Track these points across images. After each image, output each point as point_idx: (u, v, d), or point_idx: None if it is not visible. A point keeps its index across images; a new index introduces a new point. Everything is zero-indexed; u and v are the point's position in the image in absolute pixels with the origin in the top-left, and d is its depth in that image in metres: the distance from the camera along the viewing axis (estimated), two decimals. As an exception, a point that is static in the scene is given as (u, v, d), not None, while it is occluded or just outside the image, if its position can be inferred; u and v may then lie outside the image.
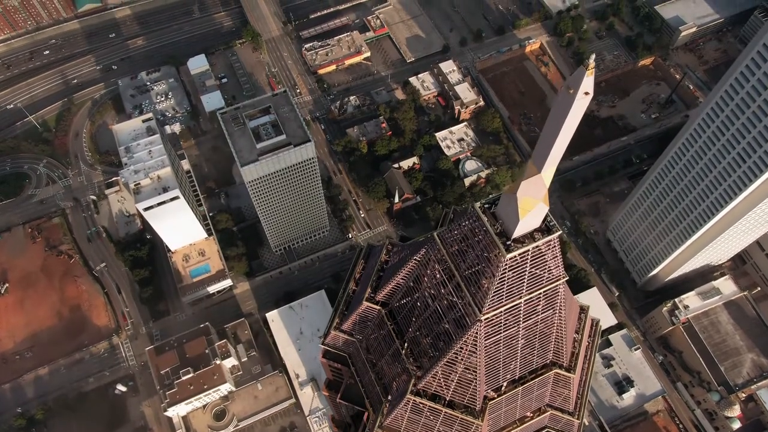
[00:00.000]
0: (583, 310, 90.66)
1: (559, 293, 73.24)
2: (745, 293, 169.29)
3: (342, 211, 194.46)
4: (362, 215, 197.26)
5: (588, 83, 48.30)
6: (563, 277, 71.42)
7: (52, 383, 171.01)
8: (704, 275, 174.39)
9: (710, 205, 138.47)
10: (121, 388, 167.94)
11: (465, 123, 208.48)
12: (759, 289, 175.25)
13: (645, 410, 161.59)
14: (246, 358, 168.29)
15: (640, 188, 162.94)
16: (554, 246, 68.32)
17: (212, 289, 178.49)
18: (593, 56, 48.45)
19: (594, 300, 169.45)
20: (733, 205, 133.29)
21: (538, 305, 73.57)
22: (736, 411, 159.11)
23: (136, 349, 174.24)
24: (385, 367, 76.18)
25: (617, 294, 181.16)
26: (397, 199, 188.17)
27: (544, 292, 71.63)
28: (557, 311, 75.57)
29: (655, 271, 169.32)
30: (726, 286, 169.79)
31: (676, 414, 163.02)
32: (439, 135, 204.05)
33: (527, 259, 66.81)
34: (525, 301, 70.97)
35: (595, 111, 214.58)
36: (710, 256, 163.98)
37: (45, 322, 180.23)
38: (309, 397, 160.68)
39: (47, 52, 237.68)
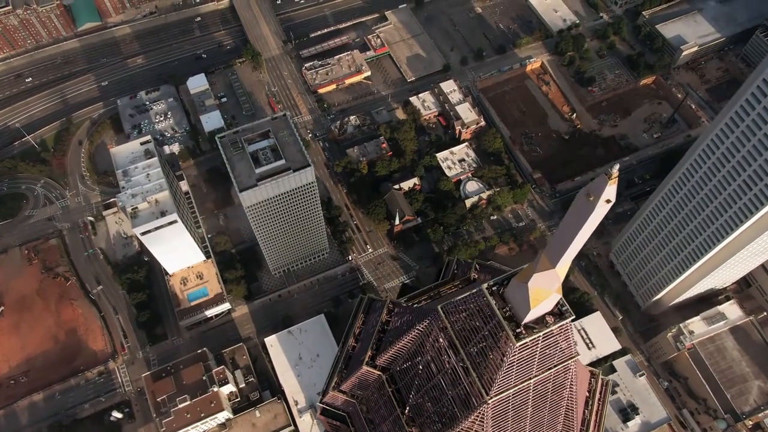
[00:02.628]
0: (594, 374, 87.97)
1: (571, 370, 71.03)
2: (751, 318, 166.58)
3: (342, 233, 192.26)
4: (364, 240, 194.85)
5: (610, 192, 45.58)
6: (575, 355, 69.10)
7: (47, 409, 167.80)
8: (709, 298, 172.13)
9: (718, 229, 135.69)
10: (116, 415, 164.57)
11: (466, 143, 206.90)
12: (765, 314, 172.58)
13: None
14: (244, 384, 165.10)
15: (644, 210, 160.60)
16: (566, 329, 66.05)
17: (210, 312, 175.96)
18: (617, 166, 45.61)
19: (597, 324, 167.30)
20: (742, 229, 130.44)
21: (548, 383, 71.46)
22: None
23: (133, 375, 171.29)
24: (386, 430, 73.40)
25: (620, 318, 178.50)
26: (397, 221, 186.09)
27: (554, 371, 69.57)
28: (568, 386, 73.28)
29: (659, 295, 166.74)
30: (731, 311, 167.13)
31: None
32: (439, 155, 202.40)
33: (538, 342, 64.71)
34: (535, 382, 68.88)
35: (597, 131, 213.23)
36: (716, 280, 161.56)
37: (40, 346, 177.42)
38: (308, 425, 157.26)
39: (55, 68, 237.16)
